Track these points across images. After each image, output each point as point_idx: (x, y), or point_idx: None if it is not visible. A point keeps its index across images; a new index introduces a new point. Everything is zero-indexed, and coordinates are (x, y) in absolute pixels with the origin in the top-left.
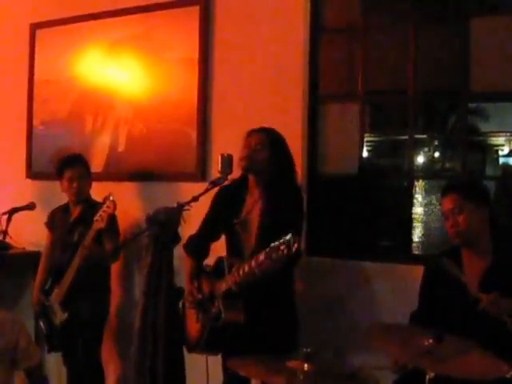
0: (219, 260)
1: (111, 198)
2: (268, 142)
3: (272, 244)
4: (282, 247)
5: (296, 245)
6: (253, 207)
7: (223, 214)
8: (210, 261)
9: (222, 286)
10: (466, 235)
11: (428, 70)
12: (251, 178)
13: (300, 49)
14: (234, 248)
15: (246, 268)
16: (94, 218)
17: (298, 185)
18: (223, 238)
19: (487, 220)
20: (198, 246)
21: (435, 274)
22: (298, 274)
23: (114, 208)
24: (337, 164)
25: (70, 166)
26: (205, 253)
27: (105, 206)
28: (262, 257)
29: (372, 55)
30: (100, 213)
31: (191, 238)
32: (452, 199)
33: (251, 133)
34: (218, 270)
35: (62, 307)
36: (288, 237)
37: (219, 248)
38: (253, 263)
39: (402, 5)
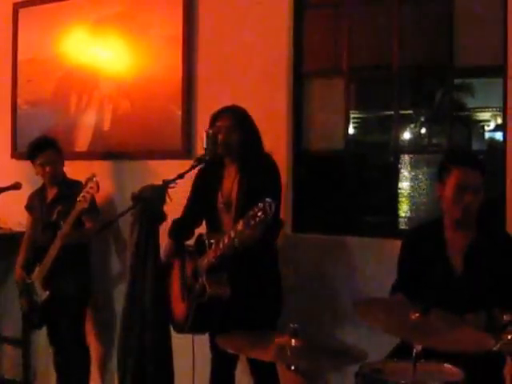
0: (199, 237)
1: (94, 179)
2: (237, 122)
3: (249, 211)
4: (258, 213)
5: (272, 208)
6: (231, 185)
7: (204, 197)
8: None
9: (204, 262)
10: (471, 215)
11: (413, 45)
12: (226, 158)
13: (284, 25)
14: (216, 228)
15: (226, 240)
16: (77, 199)
17: (268, 155)
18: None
19: None
20: (183, 230)
21: (414, 245)
22: (285, 251)
23: (98, 189)
24: (322, 141)
25: (40, 151)
26: (186, 235)
27: (88, 186)
28: (239, 225)
29: (356, 30)
30: (83, 193)
31: (175, 222)
32: (477, 176)
33: (218, 115)
34: (200, 248)
35: (43, 285)
36: (263, 202)
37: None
38: (232, 233)
39: None
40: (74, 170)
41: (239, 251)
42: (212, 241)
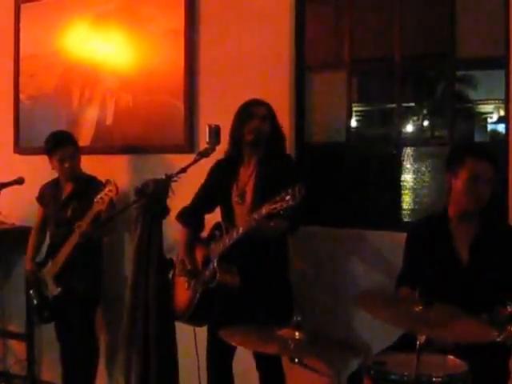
0: (216, 224)
1: (113, 181)
2: (270, 114)
3: (275, 197)
4: (287, 197)
5: (301, 193)
6: (248, 179)
7: (219, 187)
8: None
9: (219, 247)
10: (481, 207)
11: (415, 37)
12: (246, 150)
13: (286, 19)
14: (229, 220)
15: (248, 223)
16: (95, 200)
17: (290, 156)
18: (217, 212)
19: None
20: (192, 216)
21: (420, 237)
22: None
23: (117, 192)
24: (325, 134)
25: (61, 146)
26: (199, 223)
27: (107, 189)
28: (263, 210)
29: (358, 23)
30: (101, 195)
31: (185, 208)
32: (490, 168)
33: (255, 104)
34: (214, 236)
35: (55, 282)
36: (293, 187)
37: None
38: (255, 215)
39: None
40: None
41: (258, 236)
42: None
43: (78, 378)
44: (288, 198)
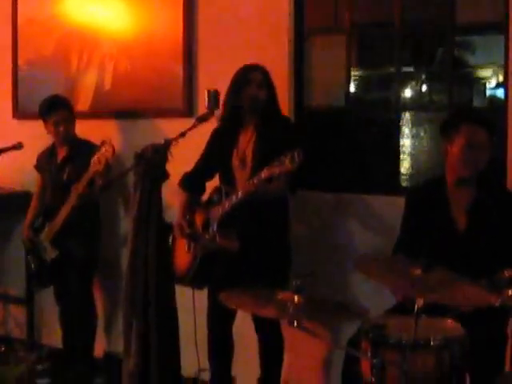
0: (216, 189)
1: (109, 142)
2: (266, 79)
3: (274, 161)
4: (286, 161)
5: (300, 157)
6: (247, 144)
7: (219, 153)
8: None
9: (219, 210)
10: (477, 173)
11: (414, 2)
12: (244, 115)
13: None
14: (230, 185)
15: (245, 187)
16: (92, 160)
17: (288, 117)
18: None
19: None
20: (193, 181)
21: (417, 203)
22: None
23: (113, 152)
24: (324, 98)
25: (55, 109)
26: (200, 188)
27: (103, 149)
28: (263, 173)
29: None
30: (98, 155)
31: (186, 174)
32: (484, 134)
33: (252, 69)
34: (213, 200)
35: (53, 245)
36: (291, 151)
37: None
38: (254, 180)
39: None
40: (76, 129)
41: (258, 199)
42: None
43: (77, 341)
44: (287, 162)
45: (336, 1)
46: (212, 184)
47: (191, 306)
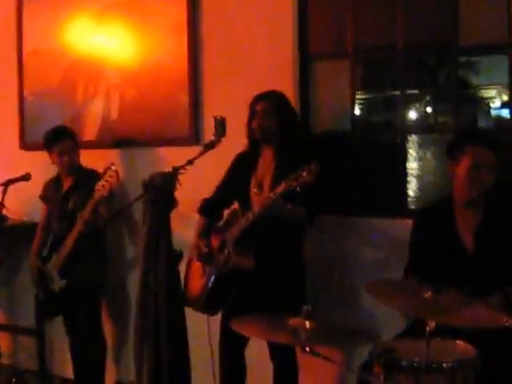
0: (233, 211)
1: (113, 168)
2: (274, 108)
3: (291, 174)
4: (303, 173)
5: (317, 169)
6: (266, 171)
7: (239, 179)
8: None
9: (235, 230)
10: (484, 193)
11: (417, 23)
12: (261, 144)
13: (289, 8)
14: (246, 209)
15: (262, 201)
16: (96, 187)
17: (307, 139)
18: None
19: None
20: (213, 207)
21: (426, 225)
22: None
23: (117, 178)
24: (330, 122)
25: (59, 140)
26: (218, 214)
27: (107, 175)
28: (281, 186)
29: (360, 11)
30: (102, 182)
31: (206, 200)
32: (490, 154)
33: (256, 100)
34: (230, 222)
35: (60, 274)
36: (309, 163)
37: None
38: (271, 195)
39: None
40: (83, 158)
41: (275, 218)
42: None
43: (88, 372)
44: (304, 174)
45: (340, 26)
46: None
47: (206, 332)
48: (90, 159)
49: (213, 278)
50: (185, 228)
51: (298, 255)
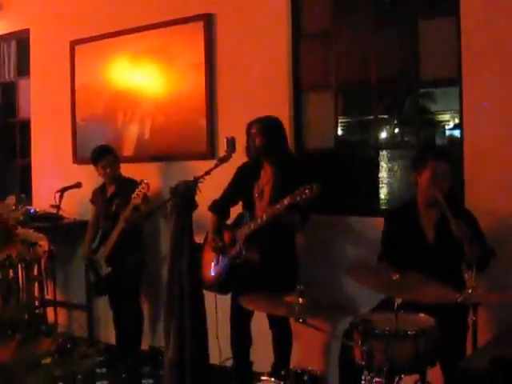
0: (240, 214)
1: (146, 181)
2: (263, 129)
3: (295, 191)
4: (306, 191)
5: (318, 190)
6: (267, 181)
7: (243, 185)
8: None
9: (245, 230)
10: (442, 196)
11: (387, 63)
12: (261, 158)
13: (284, 51)
14: (250, 212)
15: (270, 212)
16: (132, 196)
17: (292, 155)
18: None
19: None
20: (221, 206)
21: (395, 221)
22: None
23: (148, 189)
24: (318, 140)
25: (102, 156)
26: (226, 213)
27: (141, 186)
28: (286, 200)
29: (342, 53)
30: (137, 192)
31: (215, 201)
32: (445, 166)
33: (250, 125)
34: (238, 223)
35: (106, 262)
36: (311, 184)
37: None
38: (278, 205)
39: (364, 16)
40: (123, 170)
41: (279, 222)
42: (252, 218)
43: (128, 338)
44: (307, 191)
45: (325, 64)
46: (235, 210)
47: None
48: (128, 170)
49: (226, 267)
50: (204, 225)
51: (292, 248)
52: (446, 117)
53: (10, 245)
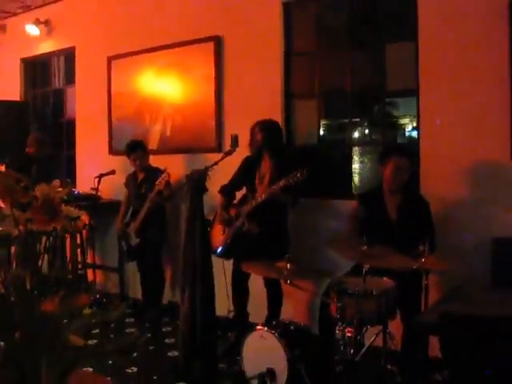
0: (244, 195)
1: (166, 171)
2: (261, 129)
3: (289, 175)
4: (298, 174)
5: (307, 173)
6: (267, 169)
7: (247, 173)
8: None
9: (247, 207)
10: (402, 185)
11: (360, 75)
12: (263, 151)
13: (278, 67)
14: (252, 193)
15: (268, 191)
16: (156, 183)
17: (288, 152)
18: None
19: None
20: (228, 190)
21: (365, 204)
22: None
23: (169, 176)
24: (304, 138)
25: (133, 150)
26: (232, 195)
27: (163, 175)
28: (281, 182)
29: (324, 67)
30: (160, 179)
31: (224, 185)
32: (405, 161)
33: (254, 126)
34: (242, 203)
35: (136, 234)
36: (302, 168)
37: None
38: (274, 186)
39: (341, 39)
40: (151, 159)
41: (275, 200)
42: (254, 198)
43: (152, 295)
44: (298, 175)
45: (311, 77)
46: (239, 194)
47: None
48: (154, 160)
49: (230, 237)
50: (213, 206)
51: (284, 224)
52: (406, 120)
53: (55, 219)
